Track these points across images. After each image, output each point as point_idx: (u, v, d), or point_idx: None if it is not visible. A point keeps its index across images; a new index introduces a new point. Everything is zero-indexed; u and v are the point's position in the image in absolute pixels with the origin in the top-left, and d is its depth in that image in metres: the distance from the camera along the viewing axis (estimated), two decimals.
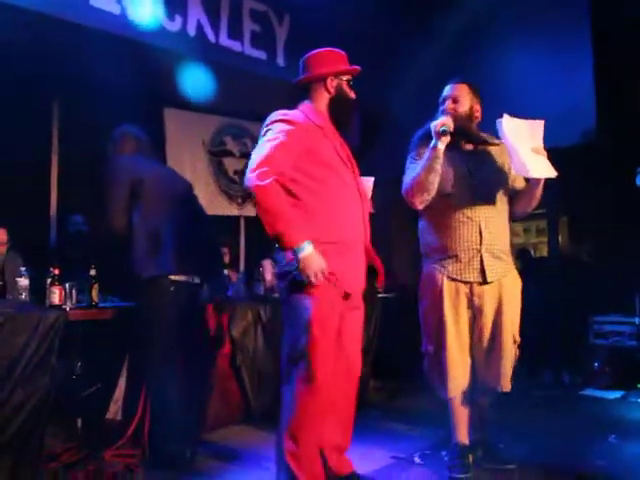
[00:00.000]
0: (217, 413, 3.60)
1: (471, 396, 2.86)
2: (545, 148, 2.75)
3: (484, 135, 2.88)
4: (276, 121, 2.37)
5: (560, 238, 6.90)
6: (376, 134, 5.84)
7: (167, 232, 2.94)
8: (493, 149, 2.90)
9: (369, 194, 2.93)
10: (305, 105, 2.50)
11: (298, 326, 2.29)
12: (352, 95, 2.53)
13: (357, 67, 2.55)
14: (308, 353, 2.24)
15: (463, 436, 2.83)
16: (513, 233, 8.58)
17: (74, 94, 4.65)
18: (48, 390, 2.75)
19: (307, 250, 2.20)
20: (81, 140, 4.60)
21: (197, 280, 3.07)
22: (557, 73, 4.92)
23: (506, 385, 2.78)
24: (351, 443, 2.52)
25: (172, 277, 2.91)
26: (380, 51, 5.33)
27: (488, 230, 2.77)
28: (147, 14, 4.28)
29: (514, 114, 2.76)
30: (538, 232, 7.67)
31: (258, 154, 2.29)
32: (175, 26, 4.51)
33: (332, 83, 2.48)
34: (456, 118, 2.73)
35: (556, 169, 2.75)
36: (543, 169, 2.72)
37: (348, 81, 2.52)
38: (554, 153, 5.04)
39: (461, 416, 2.84)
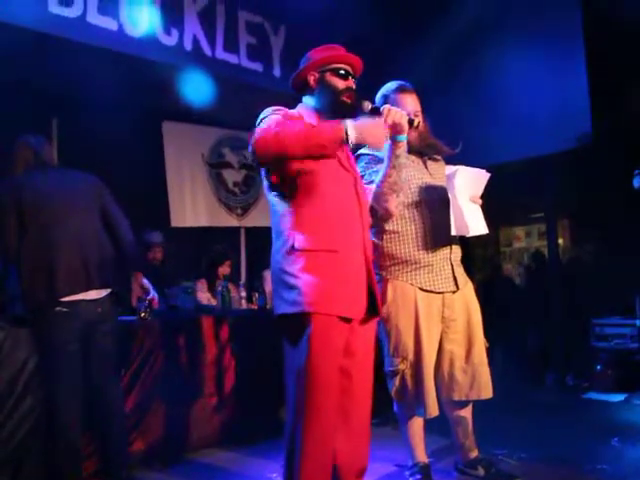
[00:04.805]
0: (200, 434, 3.58)
1: (450, 412, 2.84)
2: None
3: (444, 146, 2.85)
4: (271, 114, 2.20)
5: (561, 241, 6.91)
6: None
7: (57, 251, 2.69)
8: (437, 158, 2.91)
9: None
10: (300, 106, 2.35)
11: (297, 344, 2.11)
12: (339, 84, 2.28)
13: (339, 53, 2.31)
14: (308, 372, 2.07)
15: (423, 456, 2.80)
16: (514, 237, 8.66)
17: (73, 110, 4.69)
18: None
19: (349, 125, 2.04)
20: (81, 156, 4.62)
21: (103, 294, 2.78)
22: (551, 78, 4.96)
23: (490, 391, 2.75)
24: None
25: (64, 299, 2.65)
26: (377, 61, 5.36)
27: (453, 237, 2.76)
28: (144, 29, 4.33)
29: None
30: (540, 235, 7.68)
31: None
32: (172, 40, 4.55)
33: (313, 77, 2.30)
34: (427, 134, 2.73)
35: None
36: (478, 224, 2.77)
37: (335, 70, 2.28)
38: (551, 157, 5.13)
39: (419, 435, 2.79)
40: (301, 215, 2.15)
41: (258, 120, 2.23)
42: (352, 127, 2.06)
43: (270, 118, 2.16)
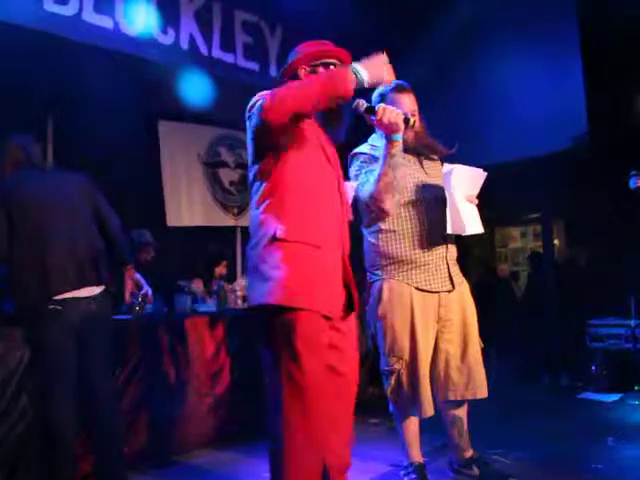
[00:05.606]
0: (195, 433, 3.58)
1: (444, 412, 2.84)
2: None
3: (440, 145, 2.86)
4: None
5: (557, 242, 6.93)
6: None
7: (48, 249, 2.68)
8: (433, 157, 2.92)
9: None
10: None
11: (282, 342, 2.04)
12: None
13: (330, 48, 2.28)
14: (294, 372, 2.02)
15: (418, 455, 2.80)
16: (510, 237, 8.65)
17: (69, 109, 4.67)
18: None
19: (356, 65, 2.03)
20: (76, 155, 4.61)
21: (96, 291, 2.76)
22: (547, 79, 4.97)
23: (485, 391, 2.75)
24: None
25: (57, 297, 2.63)
26: None
27: (449, 236, 2.77)
28: (140, 28, 4.32)
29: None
30: (535, 236, 7.70)
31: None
32: (168, 39, 4.54)
33: (304, 71, 2.25)
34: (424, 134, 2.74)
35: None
36: (474, 223, 2.77)
37: (326, 65, 2.25)
38: (548, 158, 5.14)
39: (414, 435, 2.79)
40: (284, 207, 2.08)
41: (252, 102, 2.14)
42: (359, 65, 2.06)
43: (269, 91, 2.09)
